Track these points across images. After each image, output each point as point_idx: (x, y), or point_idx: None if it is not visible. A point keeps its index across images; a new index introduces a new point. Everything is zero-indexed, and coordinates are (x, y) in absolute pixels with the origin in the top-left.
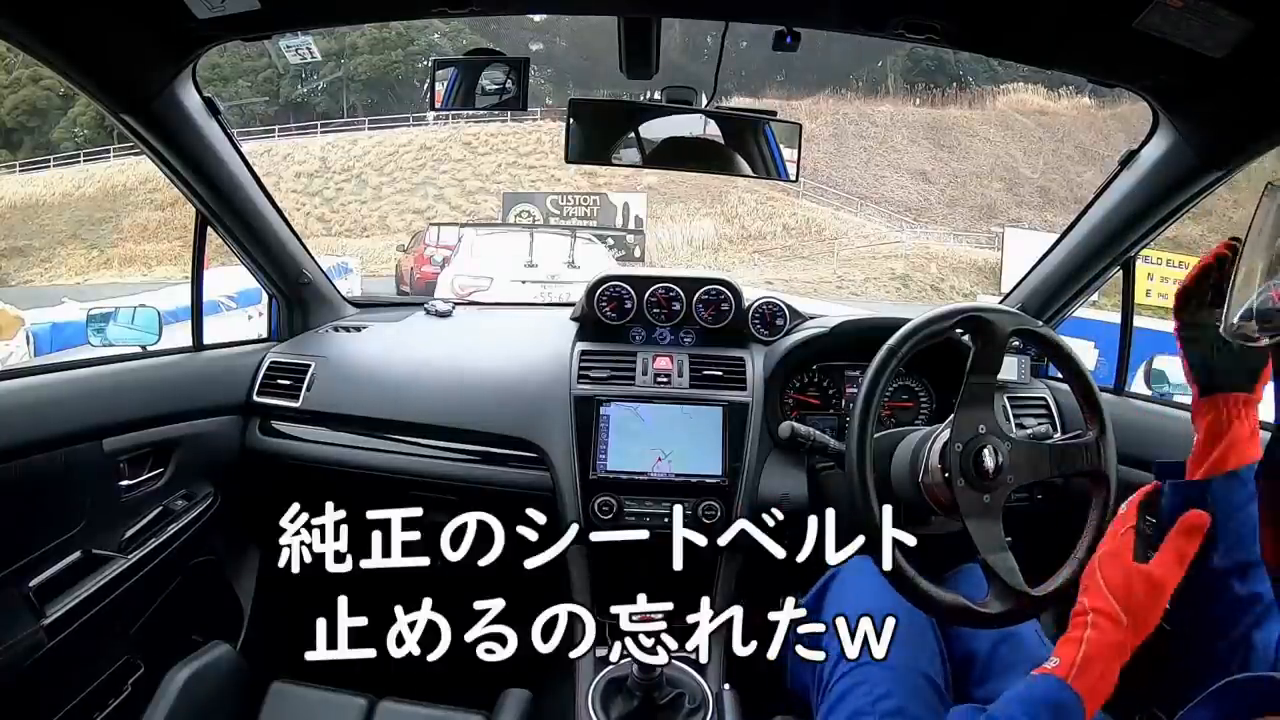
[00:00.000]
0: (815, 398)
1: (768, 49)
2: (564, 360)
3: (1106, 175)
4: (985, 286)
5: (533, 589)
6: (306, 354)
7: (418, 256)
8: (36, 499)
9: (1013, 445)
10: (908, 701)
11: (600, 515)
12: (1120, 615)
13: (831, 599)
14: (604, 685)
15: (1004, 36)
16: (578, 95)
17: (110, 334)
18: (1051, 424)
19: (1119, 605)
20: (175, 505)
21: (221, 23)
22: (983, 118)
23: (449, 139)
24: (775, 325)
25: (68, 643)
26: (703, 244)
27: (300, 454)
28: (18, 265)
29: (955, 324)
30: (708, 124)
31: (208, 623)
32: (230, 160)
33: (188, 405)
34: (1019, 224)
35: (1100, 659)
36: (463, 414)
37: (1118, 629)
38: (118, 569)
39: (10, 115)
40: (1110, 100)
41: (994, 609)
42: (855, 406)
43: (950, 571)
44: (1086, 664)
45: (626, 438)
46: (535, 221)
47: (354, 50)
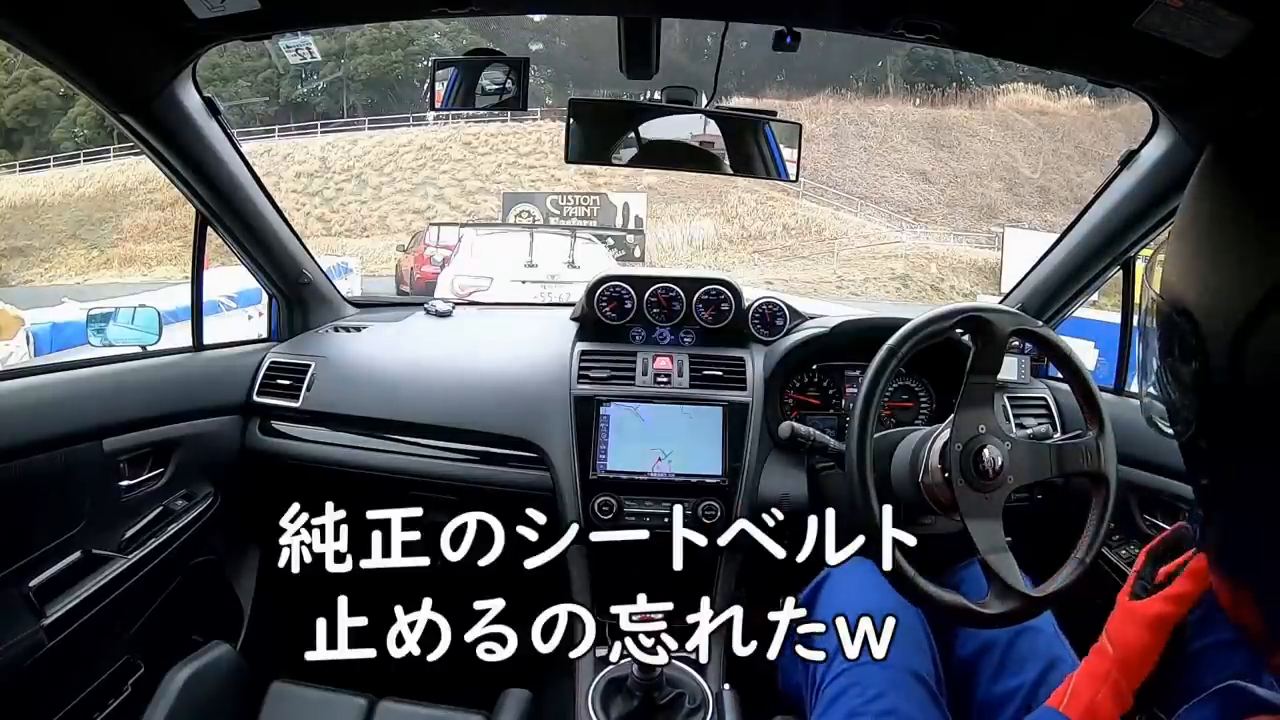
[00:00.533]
0: (815, 398)
1: (768, 49)
2: (564, 360)
3: (1106, 175)
4: (985, 286)
5: (533, 589)
6: (306, 354)
7: (418, 256)
8: (36, 499)
9: (1013, 445)
10: (902, 702)
11: (600, 515)
12: (1106, 646)
13: (826, 599)
14: (604, 685)
15: (1004, 36)
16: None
17: (110, 334)
18: (1051, 424)
19: (1106, 638)
20: (175, 505)
21: (221, 23)
22: (983, 118)
23: (449, 139)
24: (775, 325)
25: (68, 643)
26: (703, 244)
27: (300, 454)
28: (18, 265)
29: (955, 324)
30: (708, 124)
31: (208, 623)
32: (230, 160)
33: (188, 405)
34: (1019, 224)
35: (1086, 687)
36: (462, 414)
37: (1103, 660)
38: (118, 569)
39: (10, 115)
40: (1110, 100)
41: (994, 609)
42: (855, 406)
43: (950, 571)
44: (1075, 693)
45: (626, 438)
46: (535, 221)
47: (354, 50)
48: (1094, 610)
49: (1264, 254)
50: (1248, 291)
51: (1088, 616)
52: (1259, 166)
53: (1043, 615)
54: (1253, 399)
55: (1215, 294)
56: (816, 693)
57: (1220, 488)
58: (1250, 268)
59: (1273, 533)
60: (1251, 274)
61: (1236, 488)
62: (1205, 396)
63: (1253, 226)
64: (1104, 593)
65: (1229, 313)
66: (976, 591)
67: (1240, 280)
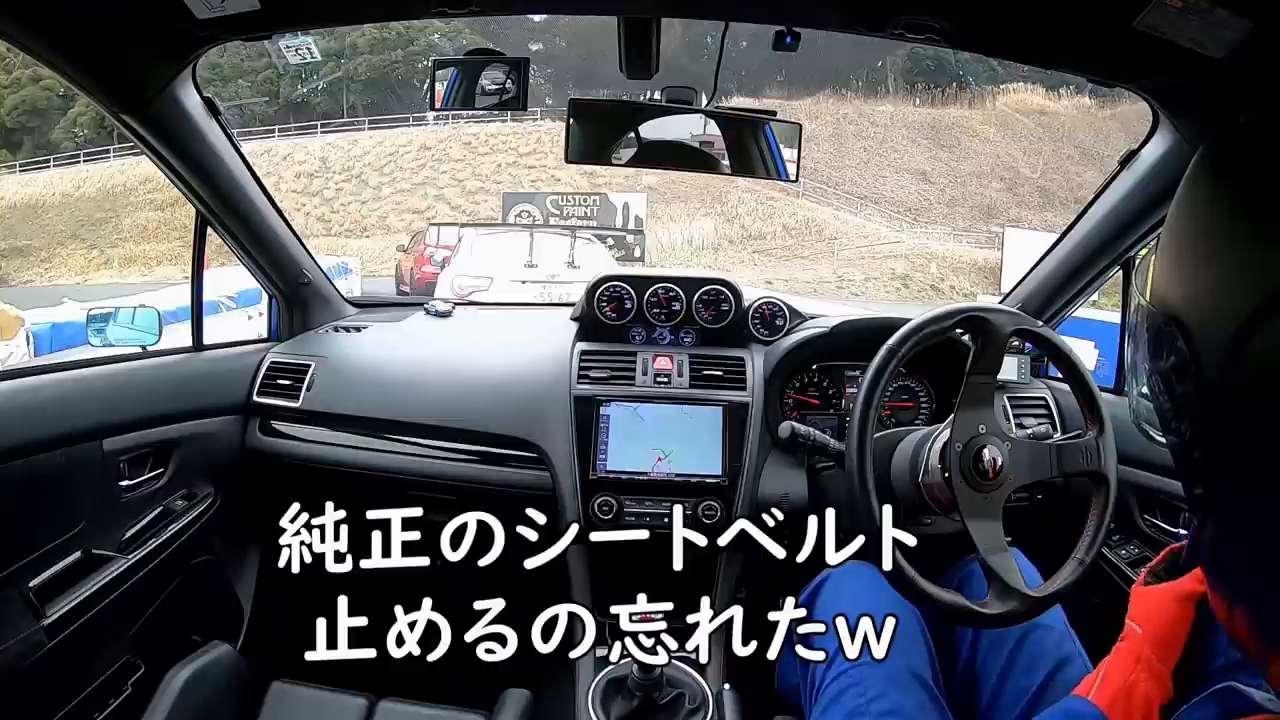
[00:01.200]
0: (815, 398)
1: (768, 49)
2: (564, 360)
3: (1106, 175)
4: (985, 286)
5: (533, 589)
6: (306, 354)
7: (418, 257)
8: (36, 499)
9: (1013, 445)
10: (902, 702)
11: (600, 515)
12: (1134, 628)
13: (826, 599)
14: (604, 685)
15: (1004, 36)
16: (578, 95)
17: (110, 334)
18: (1051, 424)
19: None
20: (175, 505)
21: (221, 23)
22: (983, 118)
23: (449, 139)
24: (775, 325)
25: (68, 643)
26: (703, 244)
27: (300, 454)
28: (18, 265)
29: (955, 324)
30: (708, 124)
31: (208, 623)
32: (230, 160)
33: (188, 405)
34: (1019, 224)
35: (1118, 672)
36: (462, 414)
37: (1133, 642)
38: (118, 569)
39: (10, 115)
40: (1110, 100)
41: (994, 609)
42: (855, 406)
43: (950, 571)
44: (1106, 679)
45: (626, 438)
46: (535, 221)
47: (354, 50)
48: (1094, 610)
49: (1259, 260)
50: (1242, 298)
51: (1088, 616)
52: (1254, 171)
53: (1053, 612)
54: (1248, 408)
55: (1208, 300)
56: (816, 693)
57: (1214, 498)
58: (1245, 274)
59: (1269, 546)
60: (1246, 280)
61: (1231, 499)
62: (1198, 405)
63: (1247, 232)
64: (1104, 593)
65: (1222, 320)
66: (977, 591)
67: (1234, 286)
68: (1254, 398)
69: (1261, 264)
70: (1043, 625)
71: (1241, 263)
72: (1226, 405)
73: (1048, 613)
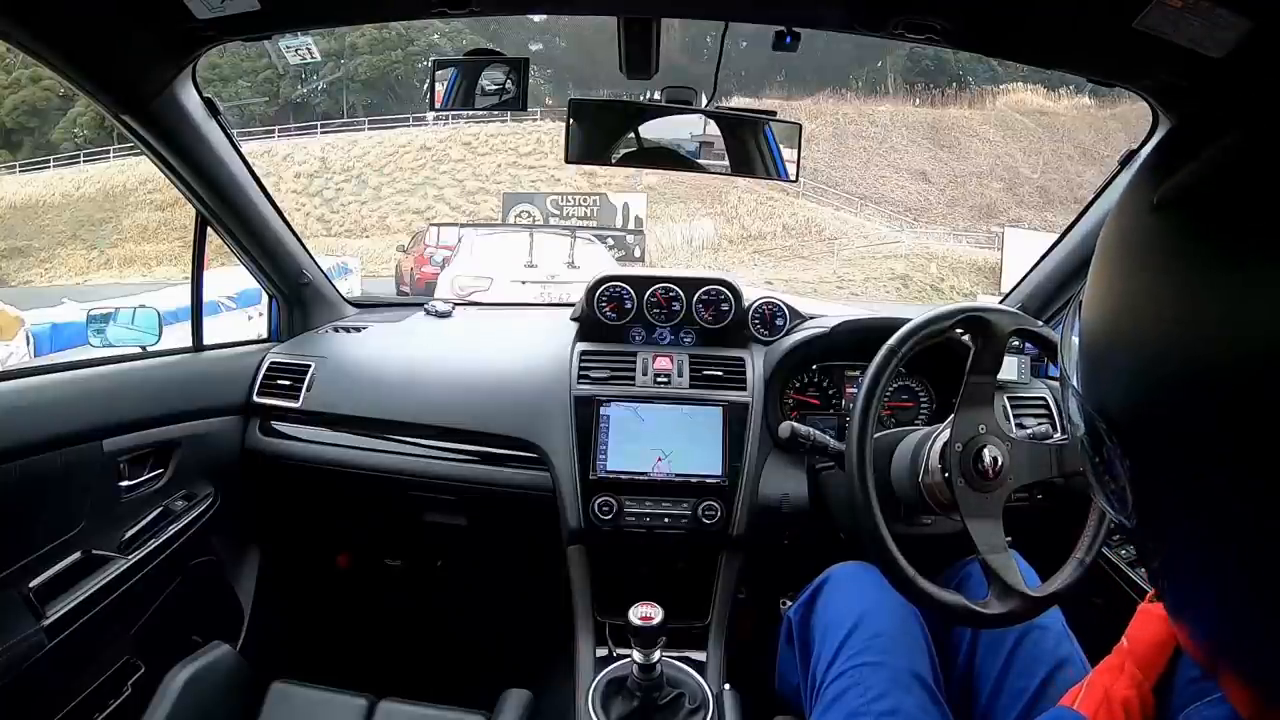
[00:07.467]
0: (815, 398)
1: (768, 49)
2: (564, 360)
3: (1106, 175)
4: (985, 286)
5: (533, 589)
6: (306, 354)
7: (418, 257)
8: (36, 499)
9: (1013, 445)
10: (903, 702)
11: (600, 515)
12: (1123, 643)
13: (826, 599)
14: (604, 685)
15: (1004, 36)
16: (578, 95)
17: (110, 334)
18: (1051, 424)
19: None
20: (175, 506)
21: (221, 23)
22: (983, 118)
23: (449, 139)
24: (775, 325)
25: (68, 643)
26: (703, 244)
27: (300, 454)
28: (18, 265)
29: (955, 324)
30: (708, 124)
31: (208, 623)
32: (230, 160)
33: (188, 406)
34: (1019, 224)
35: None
36: (462, 414)
37: (1118, 655)
38: (118, 569)
39: (10, 115)
40: (1110, 100)
41: (994, 609)
42: (855, 406)
43: (950, 571)
44: (1089, 688)
45: (626, 438)
46: (535, 222)
47: (354, 50)
48: (1095, 610)
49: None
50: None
51: (1088, 617)
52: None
53: (1051, 613)
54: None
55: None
56: (817, 693)
57: (1173, 577)
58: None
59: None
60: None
61: (1192, 579)
62: (1141, 497)
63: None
64: (1104, 593)
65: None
66: (977, 591)
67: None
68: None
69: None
70: (1041, 626)
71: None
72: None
73: (1046, 614)
